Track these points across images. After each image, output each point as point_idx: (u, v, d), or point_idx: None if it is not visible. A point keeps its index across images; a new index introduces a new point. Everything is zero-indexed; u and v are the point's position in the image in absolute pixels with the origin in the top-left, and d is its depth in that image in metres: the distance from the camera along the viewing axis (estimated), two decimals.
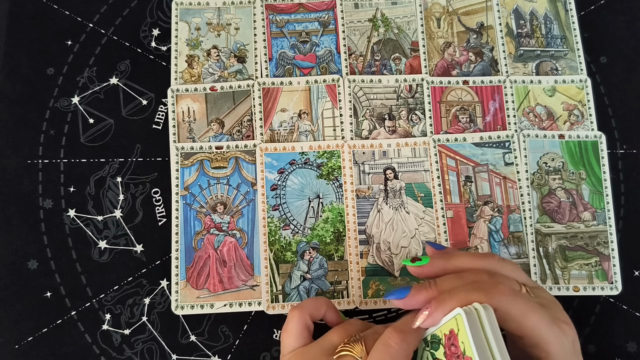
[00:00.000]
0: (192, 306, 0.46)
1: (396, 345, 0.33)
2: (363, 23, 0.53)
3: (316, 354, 0.36)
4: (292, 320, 0.38)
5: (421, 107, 0.51)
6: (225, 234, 0.48)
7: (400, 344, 0.33)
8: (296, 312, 0.38)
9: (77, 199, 0.48)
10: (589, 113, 0.51)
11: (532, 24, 0.54)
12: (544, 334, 0.33)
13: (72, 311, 0.46)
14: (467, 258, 0.37)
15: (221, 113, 0.50)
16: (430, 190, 0.49)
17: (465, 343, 0.31)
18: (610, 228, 0.49)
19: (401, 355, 0.33)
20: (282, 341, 0.38)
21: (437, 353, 0.33)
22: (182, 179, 0.49)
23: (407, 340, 0.33)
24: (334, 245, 0.48)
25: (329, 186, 0.49)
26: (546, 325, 0.33)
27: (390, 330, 0.33)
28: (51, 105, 0.50)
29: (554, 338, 0.33)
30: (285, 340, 0.38)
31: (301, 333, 0.38)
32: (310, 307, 0.39)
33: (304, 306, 0.39)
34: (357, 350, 0.34)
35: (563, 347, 0.33)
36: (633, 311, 0.48)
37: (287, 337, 0.38)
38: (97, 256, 0.47)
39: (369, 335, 0.35)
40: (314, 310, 0.39)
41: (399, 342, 0.33)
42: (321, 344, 0.37)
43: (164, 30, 0.52)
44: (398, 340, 0.33)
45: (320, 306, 0.40)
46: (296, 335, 0.38)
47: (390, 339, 0.33)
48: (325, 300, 0.41)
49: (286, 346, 0.38)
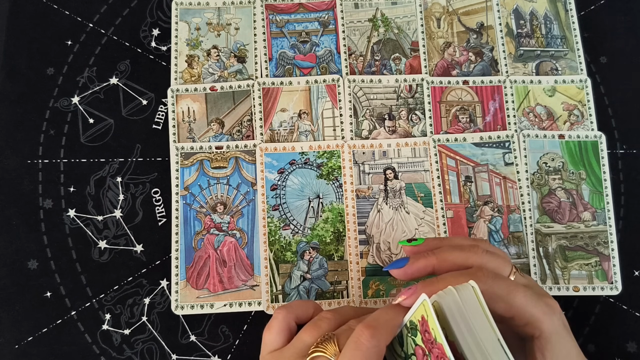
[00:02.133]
0: (192, 306, 0.46)
1: (367, 342, 0.32)
2: (363, 23, 0.53)
3: (290, 356, 0.36)
4: (276, 318, 0.38)
5: (421, 107, 0.51)
6: (225, 234, 0.48)
7: (370, 340, 0.32)
8: (281, 312, 0.38)
9: (77, 199, 0.48)
10: (589, 113, 0.51)
11: (532, 24, 0.54)
12: (532, 311, 0.33)
13: (72, 311, 0.46)
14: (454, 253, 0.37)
15: (221, 113, 0.50)
16: (430, 190, 0.49)
17: (434, 330, 0.31)
18: (610, 228, 0.49)
19: (372, 352, 0.32)
20: (263, 339, 0.38)
21: (417, 339, 0.33)
22: (182, 179, 0.49)
23: (378, 336, 0.32)
24: (334, 245, 0.48)
25: (329, 186, 0.49)
26: (533, 302, 0.33)
27: (360, 327, 0.33)
28: (51, 105, 0.50)
29: (543, 314, 0.34)
30: (266, 338, 0.38)
31: (282, 332, 0.37)
32: (298, 308, 0.39)
33: (291, 306, 0.39)
34: (330, 350, 0.34)
35: (553, 322, 0.34)
36: (633, 311, 0.48)
37: (267, 335, 0.38)
38: (97, 256, 0.47)
39: (342, 333, 0.35)
40: (301, 312, 0.39)
41: (369, 339, 0.32)
42: (295, 344, 0.36)
43: (164, 30, 0.52)
44: (369, 337, 0.32)
45: (308, 309, 0.40)
46: (277, 334, 0.37)
47: (361, 336, 0.32)
48: (314, 304, 0.40)
49: (266, 344, 0.38)
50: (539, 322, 0.34)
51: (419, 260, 0.36)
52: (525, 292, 0.34)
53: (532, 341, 0.34)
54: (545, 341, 0.34)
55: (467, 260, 0.36)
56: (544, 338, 0.34)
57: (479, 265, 0.35)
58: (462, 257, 0.36)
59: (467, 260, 0.36)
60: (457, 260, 0.36)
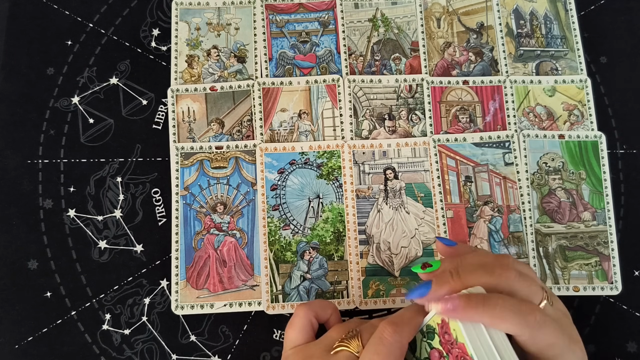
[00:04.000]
0: (192, 306, 0.46)
1: (390, 337, 0.33)
2: (363, 23, 0.53)
3: (316, 350, 0.37)
4: (298, 315, 0.39)
5: (421, 107, 0.51)
6: (225, 234, 0.48)
7: (393, 336, 0.33)
8: (303, 308, 0.40)
9: (77, 199, 0.48)
10: (589, 113, 0.51)
11: (532, 24, 0.54)
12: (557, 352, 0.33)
13: (72, 311, 0.46)
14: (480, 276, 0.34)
15: (221, 113, 0.50)
16: (430, 190, 0.49)
17: (456, 330, 0.31)
18: (610, 228, 0.49)
19: (395, 347, 0.33)
20: (286, 335, 0.39)
21: (434, 342, 0.34)
22: (182, 179, 0.49)
23: (401, 333, 0.33)
24: (334, 245, 0.48)
25: (329, 186, 0.49)
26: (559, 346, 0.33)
27: (384, 324, 0.34)
28: (51, 105, 0.50)
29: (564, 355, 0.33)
30: (289, 335, 0.39)
31: (305, 329, 0.39)
32: (318, 306, 0.41)
33: (311, 304, 0.40)
34: (354, 345, 0.35)
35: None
36: (633, 311, 0.48)
37: (291, 332, 0.39)
38: (97, 256, 0.47)
39: (366, 330, 0.36)
40: (320, 310, 0.40)
41: (392, 335, 0.33)
42: (322, 340, 0.38)
43: (164, 30, 0.52)
44: (392, 332, 0.33)
45: (327, 308, 0.41)
46: (300, 330, 0.39)
47: (384, 332, 0.33)
48: (332, 305, 0.42)
49: (289, 341, 0.39)
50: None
51: (443, 287, 0.33)
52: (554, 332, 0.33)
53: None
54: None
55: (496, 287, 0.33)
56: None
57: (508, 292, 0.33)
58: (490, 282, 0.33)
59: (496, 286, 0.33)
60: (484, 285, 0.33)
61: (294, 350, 0.38)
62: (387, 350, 0.33)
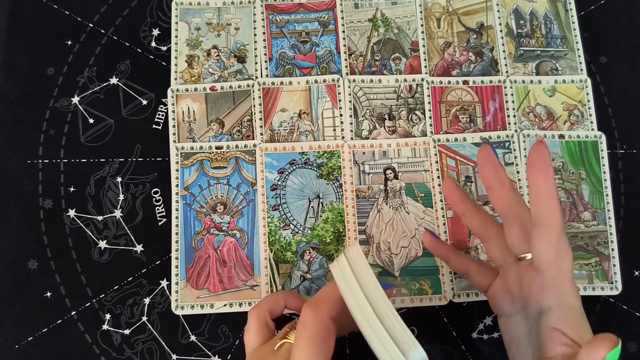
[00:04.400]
0: (192, 306, 0.46)
1: (310, 318, 0.32)
2: (363, 23, 0.53)
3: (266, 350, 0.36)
4: (250, 319, 0.39)
5: (421, 107, 0.51)
6: (225, 234, 0.48)
7: (313, 316, 0.32)
8: (253, 312, 0.39)
9: (77, 199, 0.48)
10: (589, 113, 0.51)
11: (532, 24, 0.54)
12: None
13: (72, 311, 0.46)
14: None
15: (221, 113, 0.50)
16: (430, 190, 0.49)
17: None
18: (610, 228, 0.49)
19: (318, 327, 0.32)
20: (245, 341, 0.38)
21: None
22: (182, 179, 0.49)
23: (319, 311, 0.32)
24: (334, 245, 0.48)
25: (329, 186, 0.49)
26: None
27: (303, 308, 0.32)
28: (51, 105, 0.50)
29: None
30: (246, 340, 0.38)
31: (260, 330, 0.38)
32: (268, 303, 0.40)
33: (261, 304, 0.39)
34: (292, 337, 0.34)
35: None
36: (633, 311, 0.48)
37: (248, 337, 0.38)
38: (97, 256, 0.47)
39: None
40: (272, 306, 0.40)
41: (312, 315, 0.32)
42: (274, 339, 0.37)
43: (164, 30, 0.52)
44: (310, 313, 0.32)
45: (278, 300, 0.40)
46: (254, 333, 0.38)
47: (304, 315, 0.32)
48: (282, 293, 0.41)
49: (248, 345, 0.38)
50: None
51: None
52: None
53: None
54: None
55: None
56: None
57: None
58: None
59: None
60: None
61: (249, 354, 0.37)
62: (310, 333, 0.31)
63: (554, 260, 0.33)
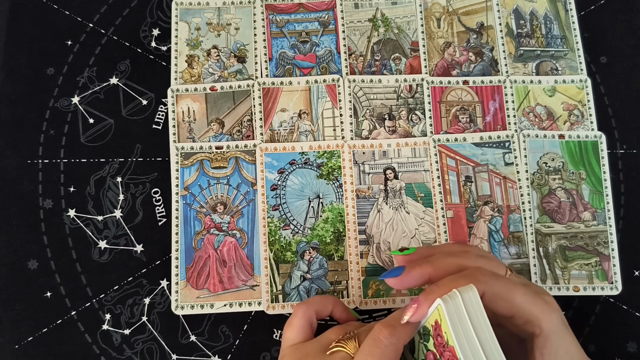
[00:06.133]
0: (192, 306, 0.46)
1: (385, 339, 0.33)
2: (363, 23, 0.53)
3: (312, 349, 0.37)
4: (296, 315, 0.39)
5: (421, 107, 0.51)
6: (225, 234, 0.48)
7: (389, 338, 0.33)
8: (301, 307, 0.39)
9: (77, 199, 0.48)
10: (589, 113, 0.51)
11: (532, 24, 0.54)
12: (532, 308, 0.33)
13: (72, 311, 0.46)
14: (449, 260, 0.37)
15: (221, 113, 0.50)
16: (430, 190, 0.49)
17: (447, 333, 0.31)
18: (610, 228, 0.49)
19: (390, 349, 0.33)
20: (284, 334, 0.39)
21: (429, 344, 0.34)
22: (182, 179, 0.49)
23: (396, 335, 0.33)
24: (334, 245, 0.48)
25: (329, 186, 0.49)
26: (532, 299, 0.34)
27: (379, 326, 0.33)
28: (51, 105, 0.50)
29: (541, 311, 0.34)
30: (286, 334, 0.39)
31: (303, 328, 0.39)
32: (317, 304, 0.40)
33: (310, 302, 0.40)
34: (350, 346, 0.35)
35: (552, 319, 0.34)
36: (633, 311, 0.48)
37: (289, 331, 0.39)
38: (97, 256, 0.47)
39: (364, 332, 0.36)
40: (320, 308, 0.40)
41: (387, 337, 0.33)
42: (319, 340, 0.38)
43: (164, 30, 0.52)
44: (387, 335, 0.33)
45: (327, 304, 0.41)
46: (298, 330, 0.38)
47: (380, 333, 0.33)
48: (333, 299, 0.42)
49: (287, 340, 0.39)
50: (538, 320, 0.34)
51: (415, 268, 0.36)
52: (525, 289, 0.34)
53: (532, 340, 0.34)
54: (544, 339, 0.34)
55: (462, 267, 0.35)
56: (543, 336, 0.34)
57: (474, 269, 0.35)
58: (456, 263, 0.36)
59: (462, 266, 0.36)
60: (452, 267, 0.36)
61: (291, 349, 0.38)
62: (381, 353, 0.32)
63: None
